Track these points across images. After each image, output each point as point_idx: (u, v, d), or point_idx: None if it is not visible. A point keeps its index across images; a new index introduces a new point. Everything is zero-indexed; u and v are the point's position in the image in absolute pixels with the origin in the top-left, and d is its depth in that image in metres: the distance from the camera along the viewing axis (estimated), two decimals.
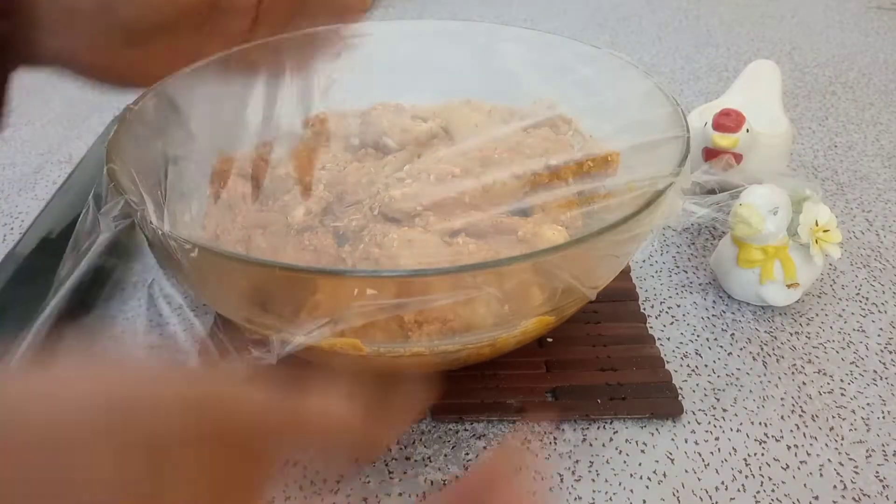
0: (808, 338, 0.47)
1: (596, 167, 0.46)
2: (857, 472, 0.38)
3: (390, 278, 0.33)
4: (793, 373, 0.44)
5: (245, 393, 0.23)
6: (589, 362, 0.44)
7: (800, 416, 0.41)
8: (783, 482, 0.38)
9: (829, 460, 0.39)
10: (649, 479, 0.38)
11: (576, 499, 0.37)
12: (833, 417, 0.41)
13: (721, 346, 0.46)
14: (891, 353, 0.46)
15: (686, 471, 0.38)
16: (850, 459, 0.39)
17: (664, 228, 0.39)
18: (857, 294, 0.50)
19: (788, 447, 0.40)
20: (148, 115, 0.44)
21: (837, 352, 0.46)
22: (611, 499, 0.37)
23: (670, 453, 0.39)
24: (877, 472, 0.38)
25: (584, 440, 0.40)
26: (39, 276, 0.42)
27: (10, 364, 0.36)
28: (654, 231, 0.38)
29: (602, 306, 0.48)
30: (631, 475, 0.38)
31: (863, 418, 0.41)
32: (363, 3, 0.45)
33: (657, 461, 0.39)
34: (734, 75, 0.65)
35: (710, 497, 0.37)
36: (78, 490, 0.19)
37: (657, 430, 0.41)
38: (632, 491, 0.38)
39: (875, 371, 0.44)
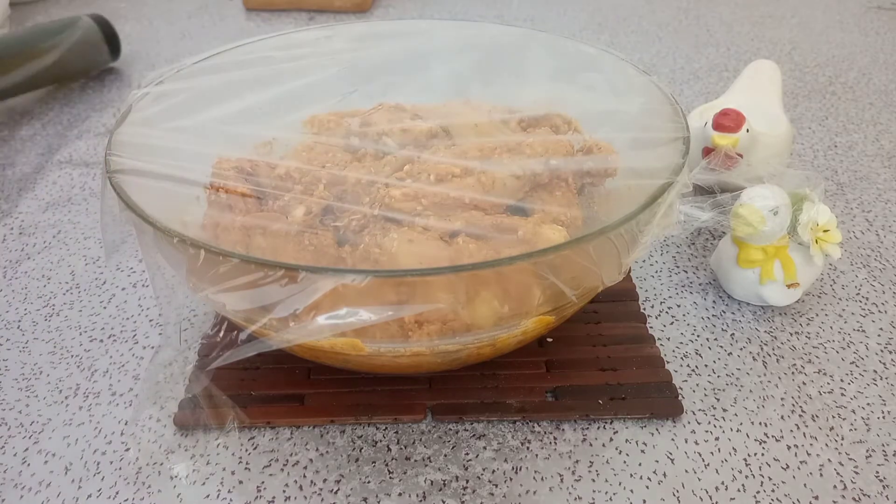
0: (808, 338, 0.47)
1: (596, 167, 0.46)
2: (857, 472, 0.38)
3: (390, 278, 0.33)
4: (793, 373, 0.44)
5: None
6: (589, 362, 0.44)
7: (800, 416, 0.41)
8: (783, 482, 0.38)
9: (829, 460, 0.39)
10: (649, 479, 0.38)
11: (576, 499, 0.37)
12: (833, 417, 0.41)
13: (721, 346, 0.46)
14: (891, 353, 0.46)
15: (686, 471, 0.38)
16: (850, 459, 0.39)
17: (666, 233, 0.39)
18: (857, 294, 0.50)
19: (788, 447, 0.40)
20: (148, 112, 0.45)
21: (837, 352, 0.46)
22: (611, 499, 0.37)
23: (670, 453, 0.39)
24: (877, 472, 0.38)
25: (584, 440, 0.40)
26: None
27: None
28: (655, 234, 0.38)
29: (602, 306, 0.48)
30: (631, 475, 0.38)
31: (863, 418, 0.41)
32: None
33: (657, 461, 0.39)
34: (734, 75, 0.65)
35: (710, 497, 0.37)
36: None
37: (657, 430, 0.41)
38: (632, 491, 0.38)
39: (875, 371, 0.44)
